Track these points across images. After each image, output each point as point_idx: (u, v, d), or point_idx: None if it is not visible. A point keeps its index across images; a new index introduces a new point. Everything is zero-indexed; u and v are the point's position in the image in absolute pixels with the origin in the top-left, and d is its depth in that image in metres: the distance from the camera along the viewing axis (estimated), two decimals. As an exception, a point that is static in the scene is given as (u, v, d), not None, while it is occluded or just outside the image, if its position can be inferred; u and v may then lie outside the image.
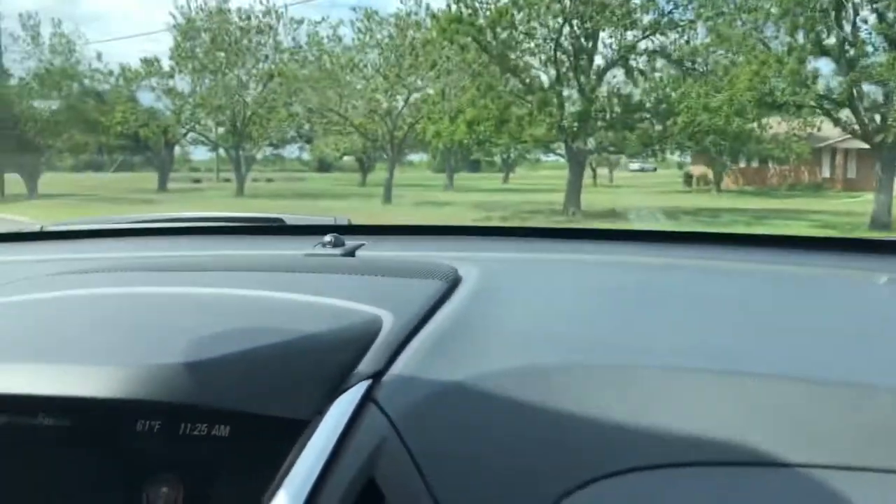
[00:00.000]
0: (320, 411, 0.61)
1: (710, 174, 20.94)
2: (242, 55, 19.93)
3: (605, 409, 0.60)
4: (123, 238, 1.47)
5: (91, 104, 21.97)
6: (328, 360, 0.66)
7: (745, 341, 0.73)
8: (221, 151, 25.57)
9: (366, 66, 17.97)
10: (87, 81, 23.03)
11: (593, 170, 21.60)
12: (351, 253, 1.16)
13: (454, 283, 0.91)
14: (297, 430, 0.60)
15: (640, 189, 22.42)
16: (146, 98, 23.90)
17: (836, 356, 0.69)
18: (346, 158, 26.53)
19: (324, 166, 29.67)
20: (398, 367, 0.67)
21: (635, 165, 25.67)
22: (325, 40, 18.77)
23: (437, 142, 16.42)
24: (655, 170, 25.41)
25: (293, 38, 19.54)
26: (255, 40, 19.89)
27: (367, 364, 0.66)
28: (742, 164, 21.45)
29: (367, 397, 0.63)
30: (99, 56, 24.86)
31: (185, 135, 25.86)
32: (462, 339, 0.73)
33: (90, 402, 0.60)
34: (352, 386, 0.64)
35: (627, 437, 0.59)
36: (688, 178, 23.01)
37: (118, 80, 23.81)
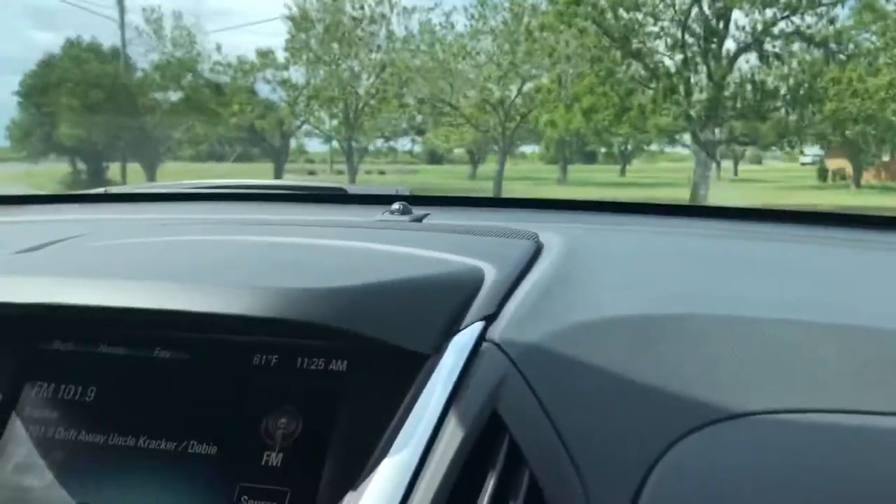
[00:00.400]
0: (438, 348, 0.62)
1: (849, 168, 19.24)
2: (355, 45, 19.75)
3: (715, 357, 0.61)
4: (189, 202, 1.45)
5: (210, 96, 22.38)
6: (441, 300, 0.66)
7: (837, 300, 0.74)
8: (335, 143, 25.68)
9: (478, 53, 17.41)
10: (206, 73, 23.59)
11: (717, 162, 20.28)
12: (419, 220, 1.14)
13: (539, 245, 0.90)
14: (414, 367, 0.61)
15: (768, 185, 20.77)
16: (262, 90, 24.27)
17: None
18: (457, 150, 26.10)
19: (435, 158, 29.37)
20: (510, 310, 0.67)
21: (807, 158, 23.61)
22: (438, 28, 18.30)
23: (551, 132, 15.66)
24: (815, 163, 23.33)
25: (405, 27, 19.18)
26: (367, 30, 19.65)
27: (478, 307, 0.67)
28: (886, 158, 19.53)
29: (483, 337, 0.63)
30: (218, 48, 25.48)
31: (299, 126, 26.13)
32: (567, 291, 0.73)
33: (215, 319, 0.58)
34: (467, 326, 0.64)
35: (739, 383, 0.59)
36: (822, 172, 21.29)
37: (236, 72, 24.27)
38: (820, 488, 0.55)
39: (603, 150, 25.49)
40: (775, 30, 13.63)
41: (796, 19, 13.45)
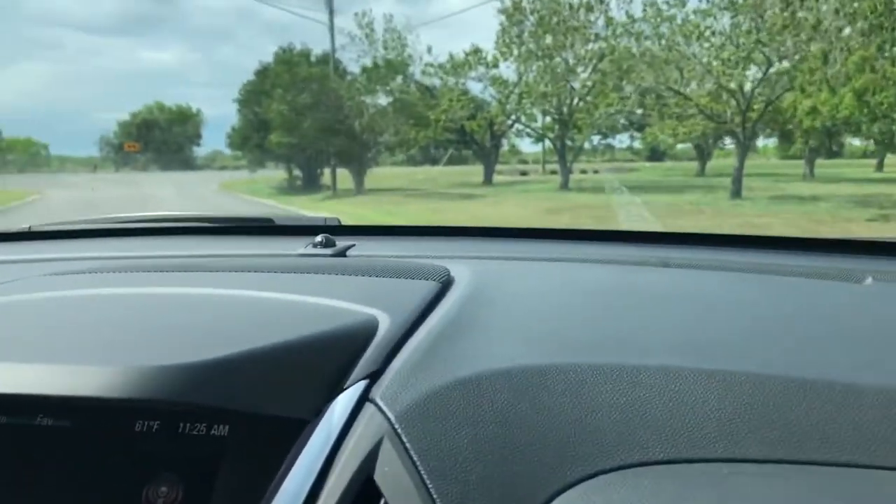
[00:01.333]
0: (319, 411, 0.62)
1: None
2: (571, 35, 18.12)
3: (597, 408, 0.61)
4: (112, 238, 1.47)
5: (419, 98, 21.83)
6: (326, 360, 0.67)
7: (735, 341, 0.74)
8: (548, 142, 24.30)
9: (713, 34, 15.16)
10: (417, 76, 23.21)
11: None
12: (342, 253, 1.17)
13: (447, 283, 0.92)
14: (296, 430, 0.61)
15: None
16: (473, 89, 23.34)
17: (822, 356, 0.69)
18: (679, 146, 23.71)
19: (656, 155, 27.04)
20: (395, 367, 0.67)
21: None
22: (665, 6, 16.21)
23: (810, 120, 13.09)
24: None
25: (626, 12, 17.25)
26: (584, 18, 17.95)
27: (364, 364, 0.67)
28: None
29: (365, 397, 0.64)
30: (429, 49, 25.16)
31: (510, 126, 25.15)
32: (457, 339, 0.73)
33: (90, 401, 0.59)
34: (350, 385, 0.65)
35: (621, 434, 0.59)
36: None
37: (446, 73, 23.65)
38: None
39: (856, 141, 21.88)
40: None
41: None
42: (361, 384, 0.65)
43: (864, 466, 0.56)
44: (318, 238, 1.19)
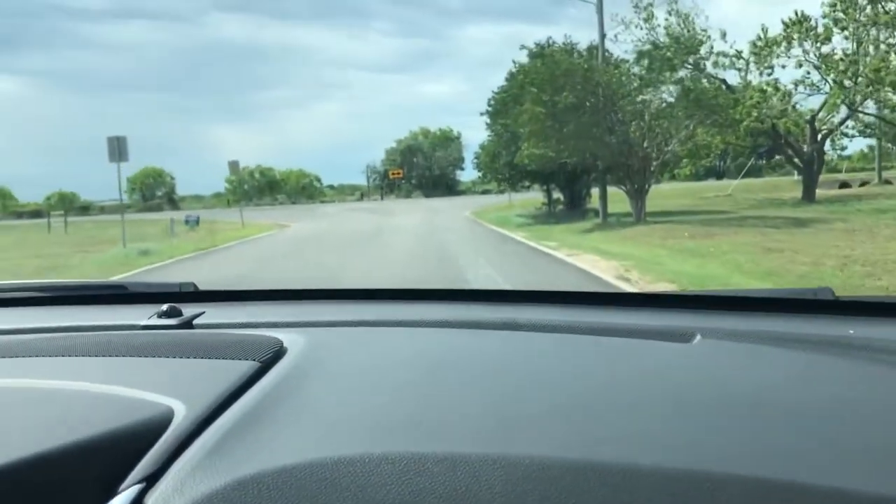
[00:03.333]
0: None
1: None
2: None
3: (378, 502, 0.60)
4: None
5: (714, 94, 16.42)
6: (106, 461, 0.64)
7: (545, 417, 0.73)
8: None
9: None
10: (708, 67, 17.90)
11: None
12: (188, 323, 1.15)
13: (273, 359, 0.90)
14: None
15: None
16: (784, 77, 17.48)
17: (625, 433, 0.68)
18: None
19: None
20: (176, 468, 0.64)
21: None
22: None
23: None
24: None
25: None
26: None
27: (144, 465, 0.64)
28: None
29: (139, 503, 0.61)
30: (723, 35, 19.69)
31: (843, 121, 18.94)
32: (254, 431, 0.69)
33: None
34: (123, 490, 0.62)
35: None
36: None
37: (746, 62, 18.09)
38: None
39: None
40: None
41: None
42: (135, 489, 0.61)
43: None
44: (164, 307, 1.18)
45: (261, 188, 53.06)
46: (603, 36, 16.91)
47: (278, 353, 0.92)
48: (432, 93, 61.17)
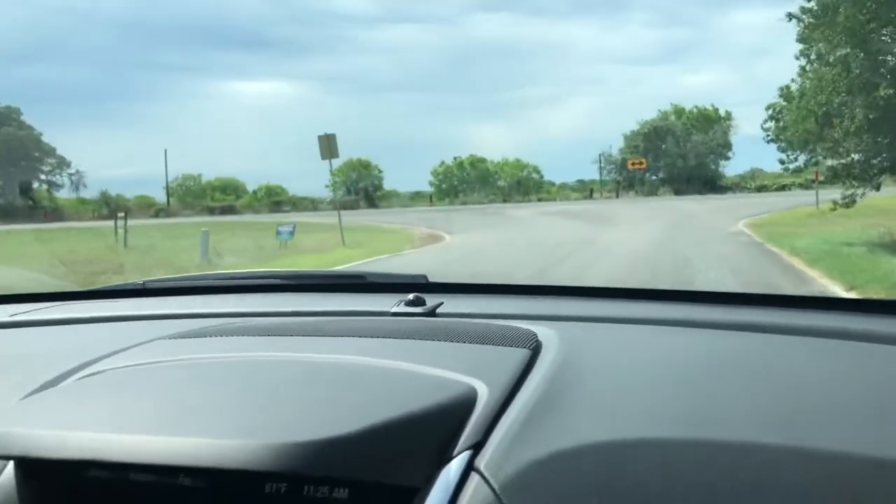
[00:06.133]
0: (429, 478, 0.68)
1: None
2: None
3: (684, 483, 0.65)
4: (219, 294, 1.54)
5: None
6: (433, 431, 0.72)
7: (809, 415, 0.76)
8: None
9: None
10: None
11: None
12: (432, 312, 1.22)
13: (536, 350, 0.95)
14: (409, 496, 0.67)
15: None
16: None
17: (886, 433, 0.71)
18: None
19: None
20: (496, 438, 0.72)
21: None
22: None
23: None
24: None
25: None
26: None
27: (468, 434, 0.73)
28: None
29: (471, 466, 0.69)
30: None
31: None
32: (552, 410, 0.77)
33: (221, 471, 0.67)
34: (456, 455, 0.70)
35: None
36: None
37: None
38: None
39: None
40: None
41: None
42: (466, 454, 0.70)
43: None
44: (410, 297, 1.24)
45: (470, 182, 44.25)
46: None
47: (538, 343, 0.97)
48: (693, 84, 57.22)
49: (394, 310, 1.21)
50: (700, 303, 1.30)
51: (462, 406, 0.75)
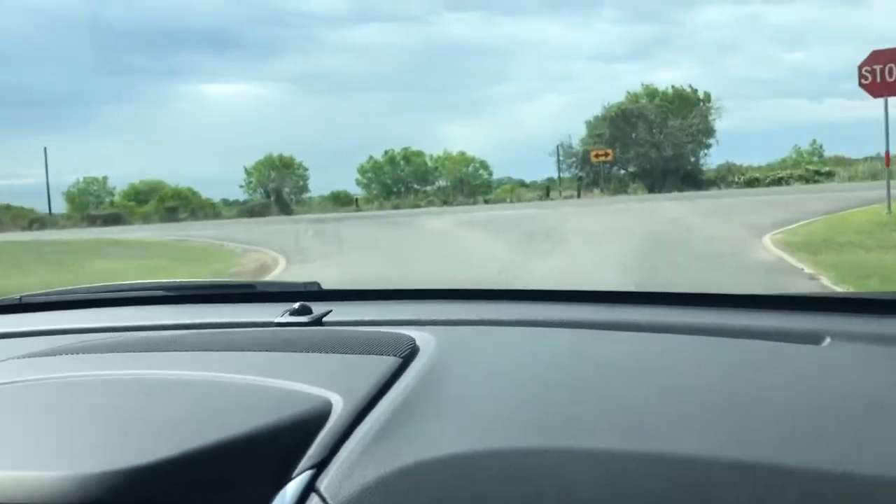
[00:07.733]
0: (266, 501, 0.64)
1: None
2: None
3: (534, 494, 0.63)
4: (100, 308, 1.50)
5: None
6: (276, 450, 0.69)
7: (680, 418, 0.74)
8: None
9: None
10: None
11: None
12: (318, 320, 1.20)
13: (410, 355, 0.94)
14: None
15: None
16: None
17: (766, 433, 0.70)
18: None
19: None
20: (342, 456, 0.69)
21: None
22: None
23: None
24: None
25: None
26: None
27: (313, 452, 0.69)
28: None
29: (311, 487, 0.65)
30: None
31: None
32: (407, 422, 0.74)
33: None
34: (296, 476, 0.67)
35: None
36: None
37: None
38: None
39: None
40: None
41: None
42: (307, 474, 0.66)
43: None
44: (296, 306, 1.23)
45: (405, 181, 37.29)
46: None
47: (413, 349, 0.95)
48: (663, 80, 55.63)
49: (277, 320, 1.20)
50: (586, 302, 1.31)
51: (313, 421, 0.72)
